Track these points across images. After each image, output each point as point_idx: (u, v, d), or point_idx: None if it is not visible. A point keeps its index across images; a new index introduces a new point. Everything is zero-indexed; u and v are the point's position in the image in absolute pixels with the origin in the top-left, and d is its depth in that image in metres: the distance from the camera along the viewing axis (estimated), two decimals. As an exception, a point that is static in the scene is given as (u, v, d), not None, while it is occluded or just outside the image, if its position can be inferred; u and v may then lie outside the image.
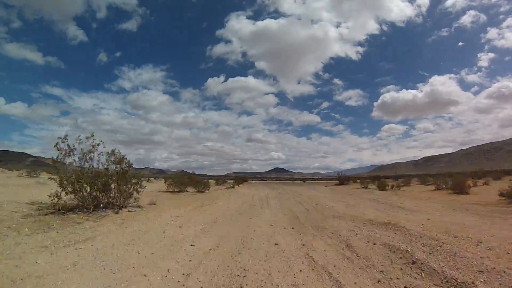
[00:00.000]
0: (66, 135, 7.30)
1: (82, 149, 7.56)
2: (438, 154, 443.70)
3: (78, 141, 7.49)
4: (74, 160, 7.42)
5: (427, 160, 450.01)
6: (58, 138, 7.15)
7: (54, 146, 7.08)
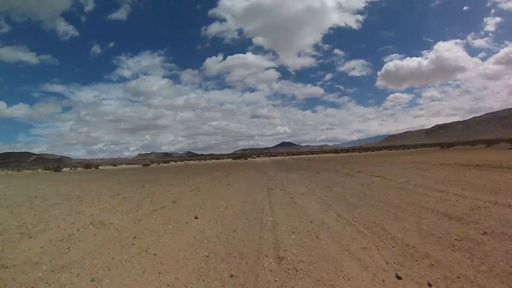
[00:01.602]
0: None
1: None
2: (451, 121, 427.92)
3: None
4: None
5: (440, 128, 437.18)
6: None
7: None
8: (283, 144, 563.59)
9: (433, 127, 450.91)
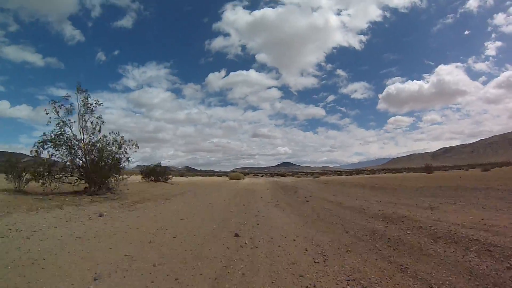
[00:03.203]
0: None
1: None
2: (459, 144, 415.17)
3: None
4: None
5: (446, 151, 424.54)
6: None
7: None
8: (284, 164, 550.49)
9: (438, 150, 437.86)
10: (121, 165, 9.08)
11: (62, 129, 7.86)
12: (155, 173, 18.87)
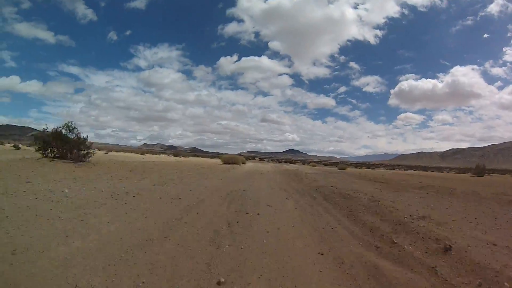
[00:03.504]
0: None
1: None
2: (470, 147, 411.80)
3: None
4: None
5: (455, 152, 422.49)
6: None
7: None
8: (291, 151, 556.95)
9: (448, 150, 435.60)
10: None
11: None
12: (61, 142, 10.89)
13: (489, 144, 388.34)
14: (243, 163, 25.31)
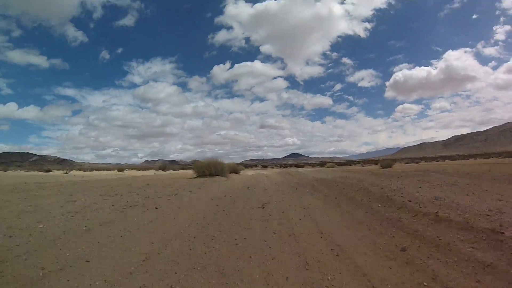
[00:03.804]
0: None
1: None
2: (471, 132, 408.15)
3: None
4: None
5: (458, 139, 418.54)
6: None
7: None
8: (292, 155, 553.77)
9: (450, 138, 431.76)
10: None
11: None
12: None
13: (490, 127, 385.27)
14: (235, 172, 18.42)
